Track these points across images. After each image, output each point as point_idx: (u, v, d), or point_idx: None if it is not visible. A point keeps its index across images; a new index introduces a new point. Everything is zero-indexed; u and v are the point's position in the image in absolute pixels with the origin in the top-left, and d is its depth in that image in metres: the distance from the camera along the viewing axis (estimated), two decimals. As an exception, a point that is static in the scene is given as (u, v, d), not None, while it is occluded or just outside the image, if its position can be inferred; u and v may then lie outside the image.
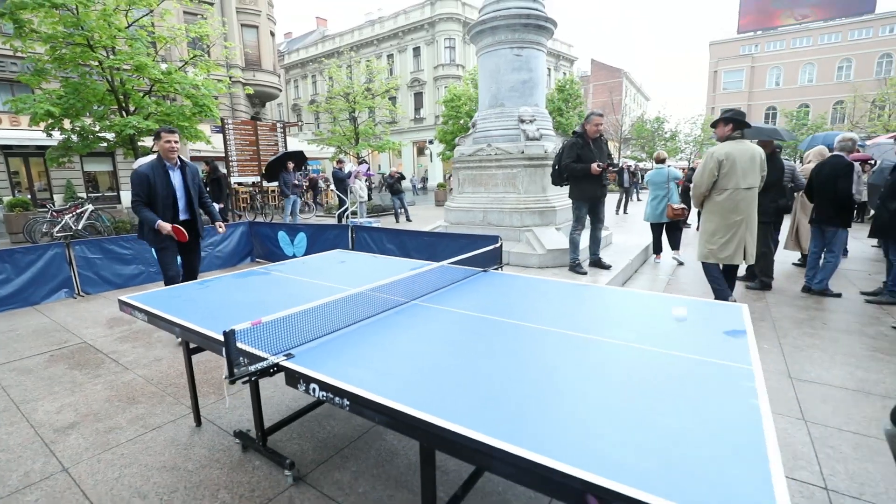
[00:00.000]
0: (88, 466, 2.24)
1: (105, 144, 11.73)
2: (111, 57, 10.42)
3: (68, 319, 4.71)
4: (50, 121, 10.29)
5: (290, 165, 10.84)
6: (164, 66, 11.15)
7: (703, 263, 4.36)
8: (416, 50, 34.51)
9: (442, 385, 1.40)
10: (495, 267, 2.99)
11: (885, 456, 2.18)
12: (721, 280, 4.30)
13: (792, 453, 2.26)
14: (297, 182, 11.21)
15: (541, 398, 1.30)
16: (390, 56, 36.11)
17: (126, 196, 20.87)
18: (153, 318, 2.17)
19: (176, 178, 3.88)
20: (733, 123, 4.06)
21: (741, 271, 5.99)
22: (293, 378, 1.48)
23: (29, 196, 18.32)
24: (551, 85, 32.36)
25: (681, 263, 6.76)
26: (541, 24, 6.35)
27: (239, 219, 12.36)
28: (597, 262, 5.51)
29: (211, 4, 19.46)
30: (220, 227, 4.30)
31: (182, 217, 3.92)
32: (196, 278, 4.26)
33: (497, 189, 6.52)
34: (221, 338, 1.60)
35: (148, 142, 12.34)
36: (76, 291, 5.60)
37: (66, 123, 10.88)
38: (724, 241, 4.13)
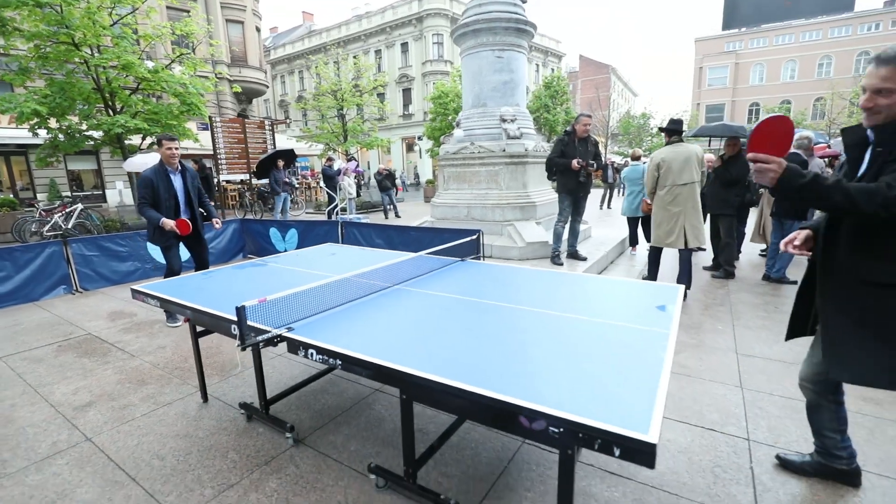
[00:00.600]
0: (109, 436, 2.52)
1: (92, 143, 11.80)
2: (97, 55, 10.50)
3: (70, 314, 4.93)
4: (36, 120, 10.33)
5: (281, 163, 11.04)
6: (150, 65, 11.24)
7: (650, 247, 5.09)
8: (404, 45, 34.57)
9: (417, 348, 1.71)
10: (473, 257, 3.30)
11: (803, 413, 2.54)
12: (654, 265, 5.04)
13: (725, 413, 2.62)
14: (287, 180, 11.42)
15: (495, 357, 1.63)
16: (378, 51, 36.11)
17: (111, 194, 20.81)
18: (165, 303, 2.44)
19: (177, 181, 4.23)
20: (669, 133, 4.83)
21: (708, 261, 6.42)
22: (294, 345, 1.78)
23: (12, 195, 18.18)
24: (539, 81, 32.71)
25: (654, 255, 7.14)
26: (521, 28, 6.65)
27: (222, 217, 12.48)
28: (574, 254, 5.87)
29: (195, 0, 19.42)
30: (217, 222, 4.60)
31: (183, 216, 4.23)
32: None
33: (480, 186, 6.83)
34: (231, 316, 1.90)
35: (135, 140, 12.44)
36: (74, 288, 5.80)
37: (53, 122, 10.93)
38: (668, 229, 4.73)
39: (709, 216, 6.35)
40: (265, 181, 12.89)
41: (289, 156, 12.02)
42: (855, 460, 1.99)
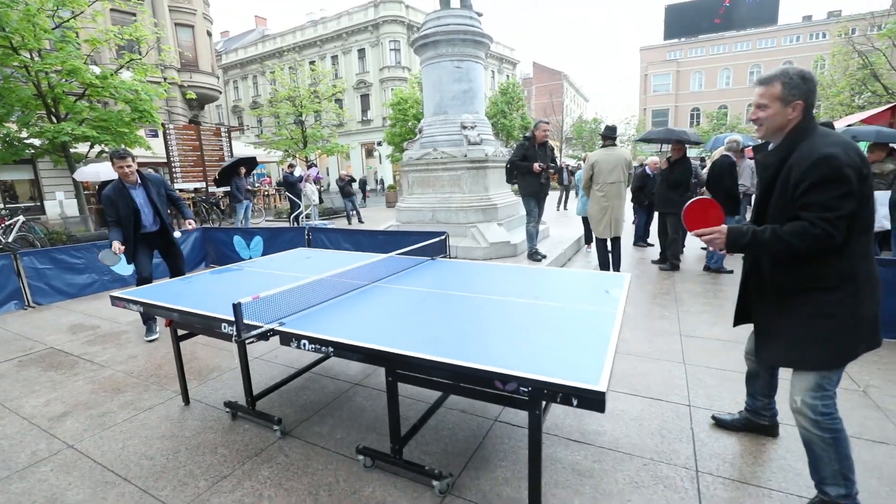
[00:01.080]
0: (92, 442, 2.55)
1: (32, 151, 11.17)
2: (37, 60, 9.98)
3: (25, 328, 4.75)
4: (-31, 128, 9.70)
5: (243, 171, 10.88)
6: (96, 70, 10.79)
7: (595, 239, 5.73)
8: (361, 52, 34.53)
9: (401, 333, 1.92)
10: (441, 256, 3.53)
11: (736, 383, 2.93)
12: (604, 256, 5.63)
13: (670, 385, 2.97)
14: (248, 187, 11.26)
15: (469, 337, 1.86)
16: (334, 57, 35.85)
17: (50, 206, 19.52)
18: (149, 308, 2.51)
19: (139, 195, 4.15)
20: (604, 138, 5.63)
21: (655, 255, 6.96)
22: (286, 338, 1.94)
23: (-63, 209, 16.72)
24: (495, 87, 33.52)
25: (608, 251, 7.65)
26: (478, 40, 6.99)
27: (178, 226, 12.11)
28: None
29: (141, 1, 18.66)
30: (190, 223, 4.63)
31: (152, 229, 4.23)
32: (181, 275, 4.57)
33: (444, 190, 7.09)
34: (223, 315, 2.03)
35: (81, 148, 11.85)
36: (27, 302, 5.56)
37: (-11, 130, 10.27)
38: (600, 220, 5.43)
39: (656, 214, 6.91)
40: (224, 189, 12.63)
41: (251, 163, 11.84)
42: (776, 417, 2.36)
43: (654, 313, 4.48)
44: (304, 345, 1.89)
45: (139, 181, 4.15)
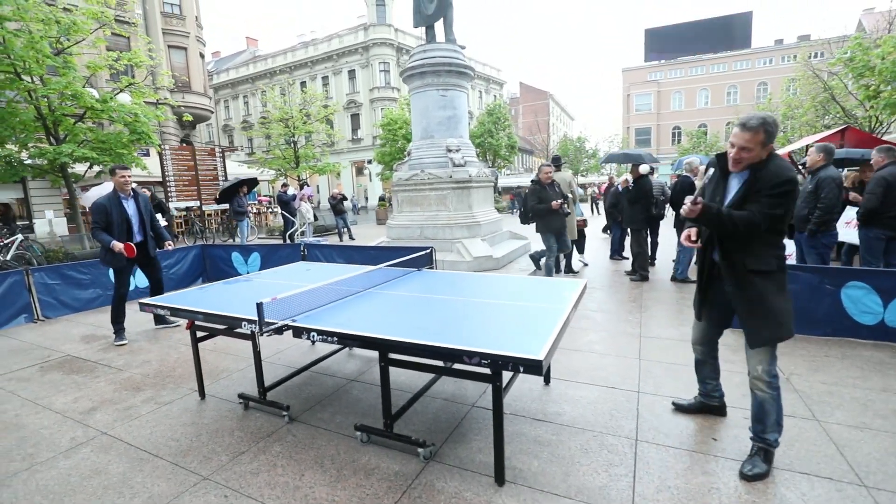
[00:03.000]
0: (122, 429, 2.93)
1: (30, 172, 11.49)
2: (40, 85, 10.39)
3: (39, 339, 5.09)
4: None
5: (244, 190, 11.43)
6: (95, 94, 11.22)
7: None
8: (352, 73, 35.44)
9: (390, 325, 2.37)
10: (427, 267, 4.00)
11: (679, 373, 3.41)
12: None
13: (624, 376, 3.44)
14: (248, 207, 11.80)
15: (447, 326, 2.32)
16: (325, 78, 36.71)
17: (39, 224, 19.61)
18: (176, 312, 2.94)
19: (130, 206, 4.73)
20: (553, 164, 6.70)
21: (627, 266, 7.50)
22: (298, 331, 2.39)
23: (-72, 227, 16.77)
24: (482, 108, 34.52)
25: (585, 264, 8.19)
26: (461, 71, 7.61)
27: (176, 241, 12.40)
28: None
29: (134, 25, 19.20)
30: (169, 244, 5.17)
31: (137, 239, 4.76)
32: (162, 289, 5.14)
33: (431, 208, 7.60)
34: (243, 315, 2.47)
35: (79, 168, 12.19)
36: (36, 316, 5.88)
37: (-10, 151, 10.59)
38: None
39: (628, 230, 7.48)
40: (222, 206, 13.09)
41: (252, 183, 12.51)
42: (723, 398, 2.81)
43: (620, 318, 4.98)
44: (314, 336, 2.33)
45: (131, 193, 4.70)
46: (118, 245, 4.48)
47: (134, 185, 4.89)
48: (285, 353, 4.22)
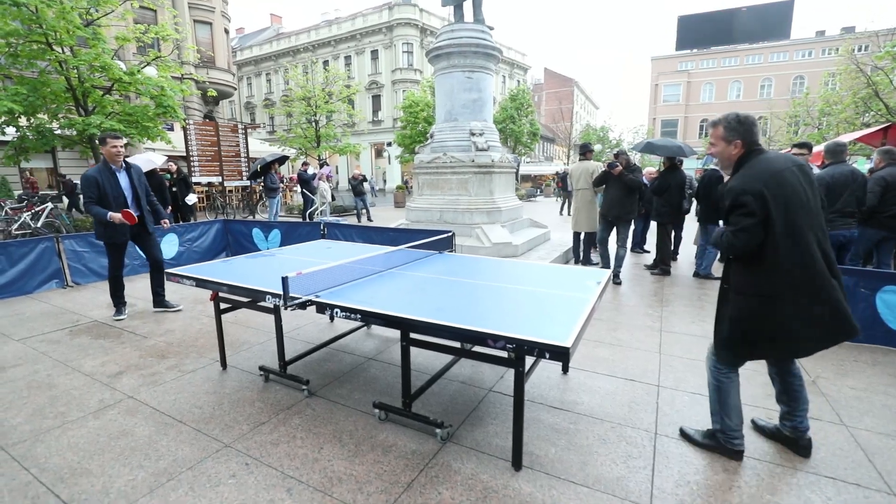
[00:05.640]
0: (147, 394, 3.02)
1: (60, 142, 11.75)
2: (71, 56, 10.55)
3: (68, 304, 5.25)
4: (3, 119, 10.25)
5: (276, 167, 11.69)
6: (122, 66, 11.35)
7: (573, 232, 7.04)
8: (374, 53, 35.11)
9: (412, 304, 2.37)
10: (448, 250, 3.98)
11: (699, 367, 3.35)
12: (575, 245, 7.08)
13: (645, 370, 3.40)
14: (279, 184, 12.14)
15: (469, 309, 2.30)
16: (348, 57, 36.47)
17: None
18: (202, 283, 2.98)
19: (123, 179, 4.47)
20: (581, 151, 6.93)
21: (648, 259, 7.36)
22: (322, 307, 2.39)
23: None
24: (505, 93, 33.96)
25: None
26: (488, 52, 7.44)
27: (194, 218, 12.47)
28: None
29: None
30: (165, 223, 5.04)
31: (133, 213, 4.55)
32: (161, 266, 4.89)
33: (452, 192, 7.54)
34: (266, 289, 2.49)
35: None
36: (66, 282, 6.07)
37: (23, 120, 10.84)
38: (572, 217, 6.90)
39: (655, 224, 7.32)
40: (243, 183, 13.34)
41: (282, 161, 12.92)
42: (806, 433, 2.36)
43: (640, 311, 4.90)
44: (337, 313, 2.34)
45: (123, 165, 4.45)
46: (116, 215, 4.21)
47: (127, 160, 4.59)
48: (304, 329, 4.27)
